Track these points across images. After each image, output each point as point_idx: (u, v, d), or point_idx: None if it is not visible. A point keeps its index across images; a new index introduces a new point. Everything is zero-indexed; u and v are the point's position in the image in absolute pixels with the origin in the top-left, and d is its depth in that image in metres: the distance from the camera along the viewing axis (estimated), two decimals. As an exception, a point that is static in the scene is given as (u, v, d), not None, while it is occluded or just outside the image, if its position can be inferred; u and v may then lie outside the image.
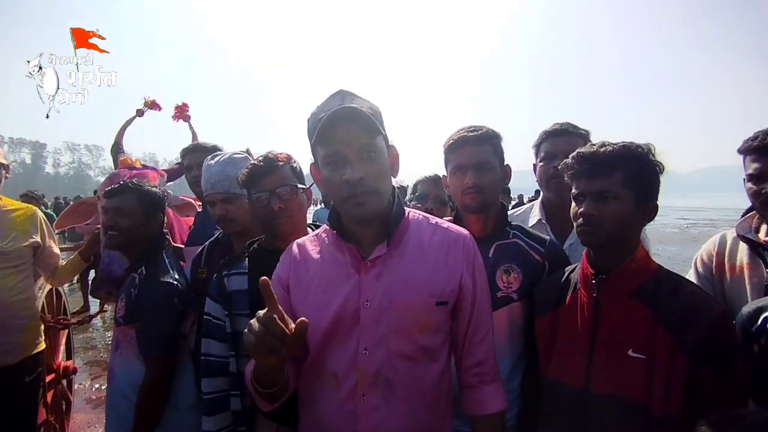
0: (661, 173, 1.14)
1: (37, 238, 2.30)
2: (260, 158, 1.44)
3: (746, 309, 1.13)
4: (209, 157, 1.68)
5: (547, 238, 1.50)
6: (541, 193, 1.85)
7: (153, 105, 2.76)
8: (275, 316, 0.82)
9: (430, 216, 1.19)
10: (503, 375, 1.40)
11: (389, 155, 1.08)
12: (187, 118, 2.76)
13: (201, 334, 1.57)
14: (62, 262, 2.52)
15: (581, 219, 1.13)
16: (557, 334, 1.23)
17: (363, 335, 1.03)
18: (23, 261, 2.25)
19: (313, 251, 1.14)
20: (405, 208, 1.15)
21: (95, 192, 7.51)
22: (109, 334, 5.81)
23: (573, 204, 1.18)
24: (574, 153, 1.16)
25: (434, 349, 1.07)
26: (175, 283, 1.67)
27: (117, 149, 2.57)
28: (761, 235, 1.44)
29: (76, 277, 6.80)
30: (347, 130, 0.99)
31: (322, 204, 6.74)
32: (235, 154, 1.68)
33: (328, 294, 1.06)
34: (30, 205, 2.40)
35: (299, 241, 1.20)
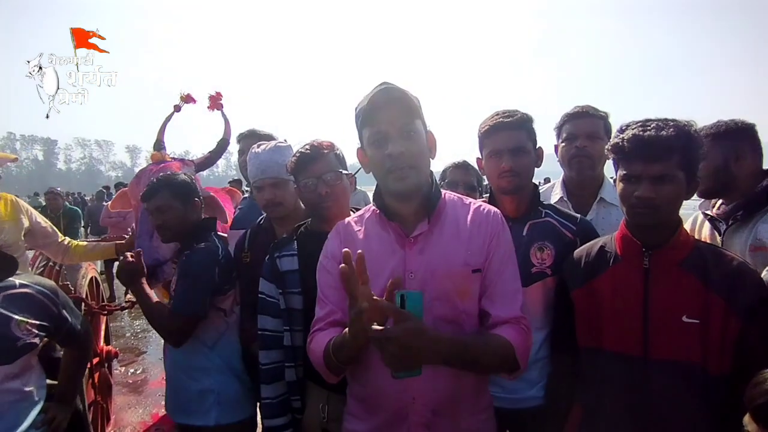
0: (701, 148, 1.19)
1: (25, 222, 2.32)
2: (307, 146, 1.53)
3: (763, 275, 1.20)
4: (255, 145, 1.78)
5: (578, 216, 1.59)
6: (563, 172, 1.95)
7: (188, 99, 2.83)
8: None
9: (464, 197, 1.29)
10: (536, 345, 1.50)
11: (428, 139, 1.19)
12: (220, 107, 2.82)
13: (250, 310, 1.69)
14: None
15: (636, 201, 1.16)
16: (600, 305, 1.28)
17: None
18: (21, 249, 2.29)
19: (359, 231, 1.24)
20: (441, 190, 1.25)
21: (117, 186, 7.61)
22: (138, 322, 6.01)
23: (621, 184, 1.21)
24: (628, 135, 1.17)
25: (474, 313, 1.16)
26: (220, 256, 1.77)
27: (159, 146, 2.65)
28: (714, 210, 1.64)
29: (101, 268, 7.00)
30: (389, 111, 1.11)
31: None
32: (279, 142, 1.78)
33: (376, 268, 1.15)
34: (2, 194, 2.37)
35: (344, 221, 1.30)
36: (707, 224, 1.68)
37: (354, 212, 1.47)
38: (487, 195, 1.73)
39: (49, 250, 2.49)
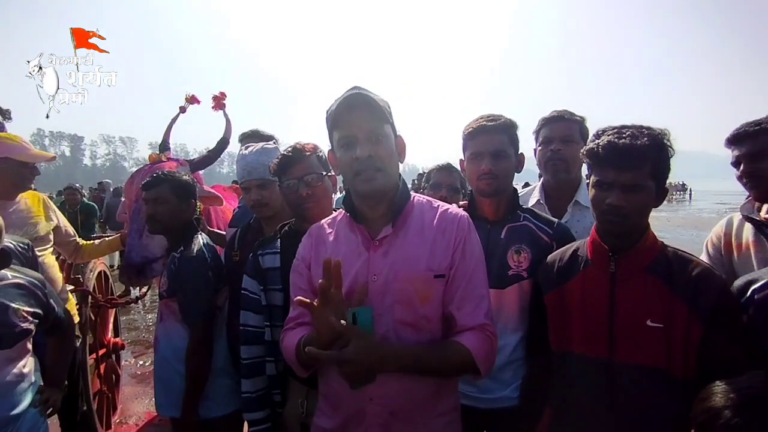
0: (671, 157, 1.20)
1: (54, 219, 2.47)
2: (289, 149, 1.58)
3: (737, 282, 1.21)
4: (243, 147, 1.84)
5: (555, 220, 1.60)
6: (542, 176, 1.97)
7: (193, 99, 2.90)
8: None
9: (433, 200, 1.30)
10: (511, 347, 1.53)
11: (397, 144, 1.22)
12: (222, 107, 2.88)
13: (237, 308, 1.75)
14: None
15: (607, 208, 1.17)
16: (570, 309, 1.30)
17: (372, 305, 1.14)
18: (51, 243, 2.44)
19: (330, 233, 1.28)
20: (410, 192, 1.27)
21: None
22: (150, 316, 6.18)
23: (593, 190, 1.22)
24: (603, 141, 1.17)
25: (435, 318, 1.18)
26: (208, 259, 1.88)
27: (164, 147, 2.73)
28: (762, 214, 1.55)
29: (117, 263, 7.20)
30: (358, 115, 1.14)
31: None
32: (266, 144, 1.83)
33: (343, 270, 1.16)
34: (35, 192, 2.50)
35: (317, 224, 1.34)
36: (749, 228, 1.58)
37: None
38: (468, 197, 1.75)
39: (66, 249, 2.63)
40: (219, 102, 2.92)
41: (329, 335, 1.02)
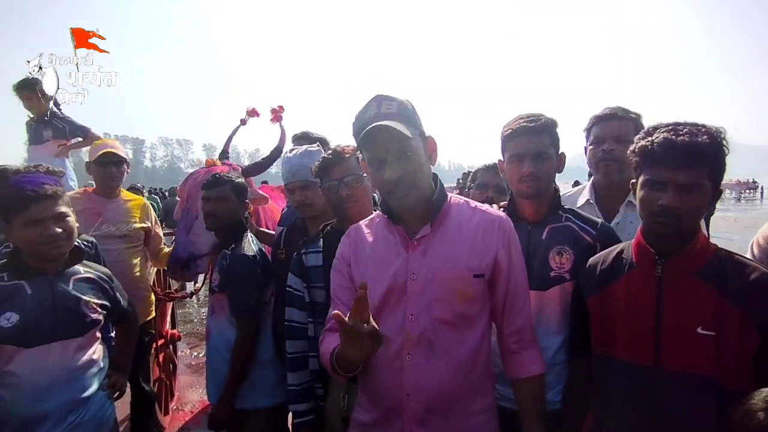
0: (726, 156, 1.14)
1: (148, 224, 2.74)
2: (329, 151, 1.63)
3: None
4: (288, 150, 1.92)
5: (599, 220, 1.56)
6: (593, 176, 1.90)
7: (253, 113, 2.99)
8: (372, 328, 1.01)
9: (470, 201, 1.32)
10: (553, 349, 1.50)
11: (426, 146, 1.22)
12: (279, 119, 2.95)
13: (283, 304, 1.83)
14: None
15: (659, 209, 1.12)
16: (614, 313, 1.26)
17: (410, 303, 1.19)
18: (140, 243, 2.72)
19: (368, 234, 1.32)
20: (447, 193, 1.28)
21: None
22: (203, 310, 6.51)
23: (643, 190, 1.16)
24: (659, 138, 1.11)
25: (472, 317, 1.21)
26: (258, 257, 1.98)
27: (224, 155, 2.84)
28: None
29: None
30: (383, 139, 1.15)
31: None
32: (309, 147, 1.90)
33: (381, 269, 1.23)
34: (140, 197, 2.87)
35: (356, 225, 1.38)
36: None
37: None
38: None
39: (152, 252, 2.87)
40: (277, 115, 3.00)
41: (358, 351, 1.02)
